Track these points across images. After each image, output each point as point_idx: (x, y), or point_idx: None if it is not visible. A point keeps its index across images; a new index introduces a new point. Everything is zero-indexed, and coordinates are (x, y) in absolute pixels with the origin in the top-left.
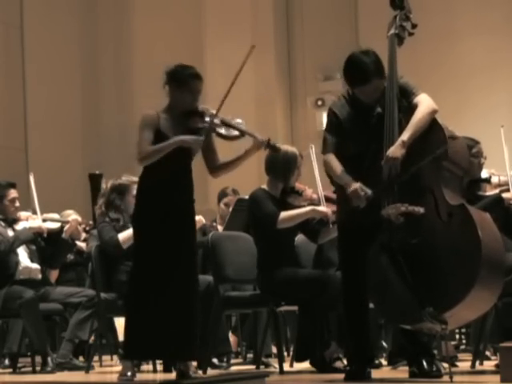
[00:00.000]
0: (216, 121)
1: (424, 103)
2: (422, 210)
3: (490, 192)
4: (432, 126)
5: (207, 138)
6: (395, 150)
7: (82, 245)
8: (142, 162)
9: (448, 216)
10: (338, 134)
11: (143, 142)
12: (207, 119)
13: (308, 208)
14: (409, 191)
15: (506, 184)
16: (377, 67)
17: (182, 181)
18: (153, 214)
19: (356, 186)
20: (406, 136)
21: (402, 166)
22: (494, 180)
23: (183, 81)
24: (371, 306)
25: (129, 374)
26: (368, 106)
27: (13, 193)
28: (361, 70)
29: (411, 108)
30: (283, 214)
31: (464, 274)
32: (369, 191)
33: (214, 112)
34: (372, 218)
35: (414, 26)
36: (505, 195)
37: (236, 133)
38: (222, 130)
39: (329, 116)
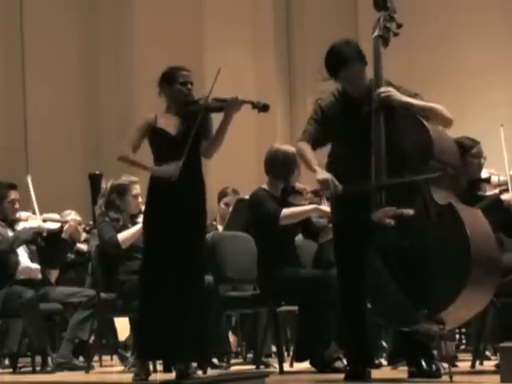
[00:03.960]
0: (209, 101)
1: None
2: (411, 211)
3: (490, 192)
4: (419, 132)
5: (204, 119)
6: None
7: (81, 245)
8: (118, 160)
9: (437, 216)
10: (319, 125)
11: (129, 143)
12: (201, 101)
13: (311, 206)
14: (398, 193)
15: (506, 184)
16: (355, 52)
17: (193, 178)
18: (163, 212)
19: (328, 175)
20: (407, 98)
21: (392, 169)
22: (494, 180)
23: (172, 77)
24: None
25: (142, 373)
26: (356, 102)
27: (13, 194)
28: (339, 54)
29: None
30: (286, 211)
31: (455, 273)
32: (340, 187)
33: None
34: (367, 216)
35: (399, 26)
36: (504, 196)
37: (224, 102)
38: (216, 104)
39: (315, 109)
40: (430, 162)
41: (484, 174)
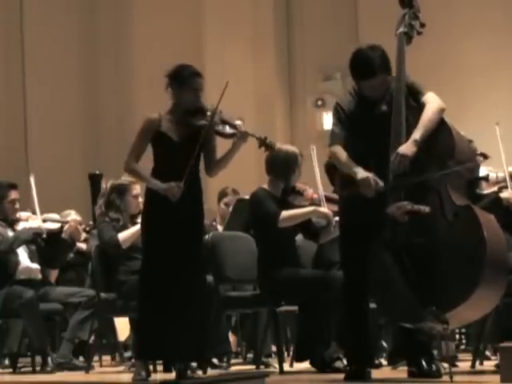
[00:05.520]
0: (216, 119)
1: (432, 102)
2: (427, 209)
3: (489, 190)
4: (442, 132)
5: (207, 136)
6: (407, 148)
7: (81, 245)
8: (125, 171)
9: (453, 216)
10: (347, 127)
11: (133, 152)
12: (208, 117)
13: (310, 208)
14: (415, 190)
15: (504, 181)
16: (383, 62)
17: (191, 181)
18: (161, 214)
19: (368, 174)
20: (417, 135)
21: (412, 167)
22: (492, 177)
23: (184, 80)
24: (371, 305)
25: (143, 373)
26: (373, 102)
27: (13, 194)
28: (367, 64)
29: (419, 107)
30: (285, 213)
31: (468, 274)
32: (381, 183)
33: (215, 108)
34: (374, 216)
35: (422, 25)
36: (503, 194)
37: (233, 131)
38: (220, 128)
39: (336, 110)
40: (448, 162)
41: (482, 172)
